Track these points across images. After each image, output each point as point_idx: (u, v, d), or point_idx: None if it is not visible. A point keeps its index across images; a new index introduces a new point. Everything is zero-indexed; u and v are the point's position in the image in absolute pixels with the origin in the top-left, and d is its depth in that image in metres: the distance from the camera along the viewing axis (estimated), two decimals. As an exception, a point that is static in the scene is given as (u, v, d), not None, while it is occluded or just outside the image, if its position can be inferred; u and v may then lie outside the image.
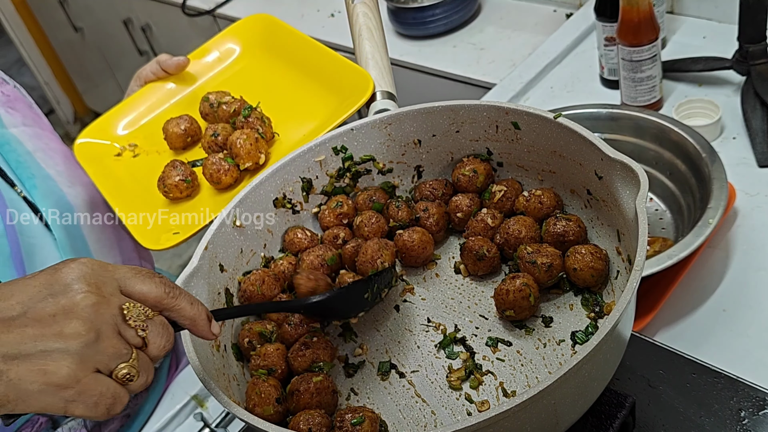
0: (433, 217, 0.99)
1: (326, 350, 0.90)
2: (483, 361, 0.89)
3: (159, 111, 1.22)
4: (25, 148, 1.08)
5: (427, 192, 1.03)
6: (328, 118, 1.06)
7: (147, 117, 1.23)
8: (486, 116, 0.98)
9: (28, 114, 1.15)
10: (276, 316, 0.93)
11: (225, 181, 1.06)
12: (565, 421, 0.76)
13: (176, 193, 1.08)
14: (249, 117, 1.11)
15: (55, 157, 1.12)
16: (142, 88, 1.24)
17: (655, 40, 1.35)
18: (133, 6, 3.06)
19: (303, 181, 1.03)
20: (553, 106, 1.39)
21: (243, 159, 1.06)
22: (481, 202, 1.01)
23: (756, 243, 1.17)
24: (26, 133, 1.11)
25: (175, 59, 1.20)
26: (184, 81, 1.25)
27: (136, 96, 1.23)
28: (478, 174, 1.00)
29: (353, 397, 0.90)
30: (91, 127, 1.21)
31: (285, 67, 1.22)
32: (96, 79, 3.92)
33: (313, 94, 1.15)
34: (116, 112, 1.23)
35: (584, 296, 0.90)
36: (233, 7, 2.49)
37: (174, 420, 1.16)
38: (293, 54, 1.22)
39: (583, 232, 0.93)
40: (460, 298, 0.96)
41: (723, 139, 1.37)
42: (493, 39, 1.98)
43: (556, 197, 0.96)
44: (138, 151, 1.18)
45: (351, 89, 1.07)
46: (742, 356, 1.03)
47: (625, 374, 0.95)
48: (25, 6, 3.91)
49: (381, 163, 1.05)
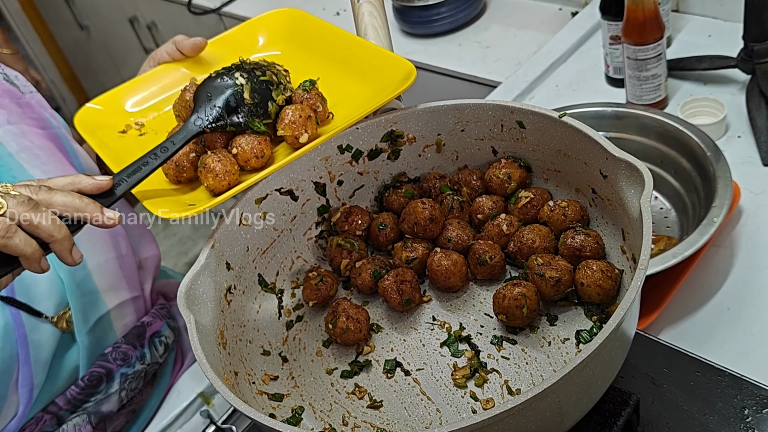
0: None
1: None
2: (488, 359, 0.89)
3: (170, 93, 1.13)
4: (7, 150, 1.06)
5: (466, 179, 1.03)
6: (367, 102, 0.97)
7: (157, 98, 1.14)
8: (491, 115, 0.99)
9: (14, 110, 1.12)
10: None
11: (252, 164, 0.95)
12: (570, 419, 0.76)
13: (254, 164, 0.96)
14: (309, 91, 0.99)
15: (42, 156, 1.10)
16: (154, 68, 1.16)
17: (660, 39, 1.35)
18: (139, 4, 3.07)
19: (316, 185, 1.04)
20: (558, 105, 1.39)
21: (285, 128, 0.93)
22: (506, 206, 1.00)
23: (760, 241, 1.18)
24: (10, 132, 1.08)
25: (191, 39, 1.14)
26: (200, 65, 1.16)
27: (147, 75, 1.15)
28: (511, 180, 0.99)
29: (359, 395, 0.90)
30: (98, 98, 1.13)
31: (315, 58, 1.12)
32: (102, 77, 3.92)
33: (347, 83, 1.05)
34: (126, 88, 1.15)
35: (587, 307, 0.90)
36: (239, 6, 2.49)
37: (180, 417, 1.16)
38: (324, 45, 1.12)
39: (600, 249, 0.91)
40: (465, 296, 0.97)
41: (728, 138, 1.37)
42: (498, 37, 1.98)
43: (582, 211, 0.95)
44: (145, 131, 1.10)
45: (390, 77, 0.99)
46: (746, 354, 1.03)
47: (630, 372, 0.96)
48: (31, 4, 3.92)
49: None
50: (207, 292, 0.88)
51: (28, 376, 1.01)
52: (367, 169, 1.06)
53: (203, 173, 0.90)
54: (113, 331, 1.13)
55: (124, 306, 1.14)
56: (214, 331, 0.87)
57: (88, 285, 1.07)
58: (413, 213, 0.97)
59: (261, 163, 0.92)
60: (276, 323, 1.00)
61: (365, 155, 1.04)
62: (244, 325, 0.95)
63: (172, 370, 1.25)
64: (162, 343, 1.18)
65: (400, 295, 0.94)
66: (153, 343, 1.17)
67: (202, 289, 0.87)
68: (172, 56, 1.14)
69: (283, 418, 0.89)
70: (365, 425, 0.87)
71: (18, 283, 1.01)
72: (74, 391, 1.07)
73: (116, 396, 1.10)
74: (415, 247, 0.98)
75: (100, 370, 1.09)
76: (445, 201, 1.01)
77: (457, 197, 1.01)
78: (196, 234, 3.36)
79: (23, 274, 0.85)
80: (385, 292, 0.95)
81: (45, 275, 1.03)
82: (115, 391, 1.10)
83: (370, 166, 1.06)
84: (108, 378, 1.10)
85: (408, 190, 1.04)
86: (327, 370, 0.95)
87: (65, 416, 1.06)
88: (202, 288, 0.87)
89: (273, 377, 0.94)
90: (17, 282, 1.01)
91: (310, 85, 0.98)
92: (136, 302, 1.17)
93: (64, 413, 1.06)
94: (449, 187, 1.03)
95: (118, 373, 1.11)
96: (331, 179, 1.05)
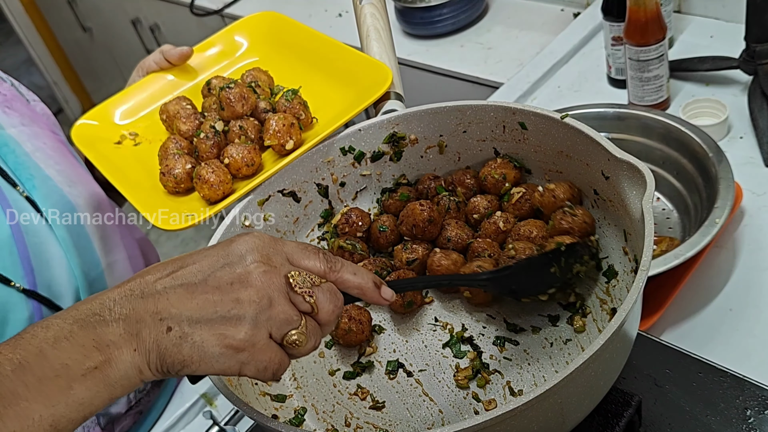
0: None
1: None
2: (490, 360, 0.89)
3: (160, 103, 1.15)
4: (23, 149, 1.08)
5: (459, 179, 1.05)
6: (347, 109, 1.02)
7: (148, 108, 1.18)
8: (493, 116, 0.99)
9: (25, 113, 1.14)
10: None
11: (244, 172, 1.00)
12: (572, 420, 0.76)
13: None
14: (291, 101, 1.04)
15: (55, 156, 1.11)
16: (143, 78, 1.19)
17: (662, 40, 1.36)
18: (141, 6, 3.08)
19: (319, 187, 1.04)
20: (560, 106, 1.39)
21: (271, 138, 0.99)
22: (500, 204, 1.01)
23: (762, 243, 1.18)
24: (25, 133, 1.10)
25: (178, 49, 1.17)
26: (186, 73, 1.21)
27: (136, 86, 1.18)
28: (506, 180, 1.00)
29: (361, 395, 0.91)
30: (90, 113, 1.16)
31: (296, 62, 1.18)
32: (104, 78, 3.93)
33: (327, 88, 1.11)
34: (116, 101, 1.18)
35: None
36: (241, 7, 2.50)
37: (183, 418, 1.16)
38: (304, 49, 1.18)
39: (589, 227, 0.92)
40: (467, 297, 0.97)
41: (730, 139, 1.37)
42: (500, 38, 1.99)
43: (571, 189, 0.95)
44: (139, 140, 1.14)
45: (368, 81, 1.04)
46: (749, 355, 1.03)
47: (632, 373, 0.96)
48: (33, 6, 3.93)
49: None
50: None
51: None
52: (369, 170, 1.06)
53: (198, 184, 0.96)
54: None
55: None
56: (217, 333, 0.87)
57: (101, 284, 1.08)
58: (411, 215, 0.98)
59: (251, 171, 0.99)
60: (278, 324, 1.00)
61: (368, 157, 1.05)
62: (246, 326, 0.95)
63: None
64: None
65: (401, 297, 0.94)
66: None
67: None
68: (159, 65, 1.18)
69: (285, 419, 0.89)
70: (367, 426, 0.87)
71: (39, 277, 1.01)
72: None
73: (124, 397, 1.11)
74: (414, 248, 0.98)
75: None
76: (441, 202, 1.02)
77: (453, 198, 1.02)
78: (198, 235, 3.36)
79: (42, 267, 0.85)
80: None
81: (63, 272, 1.04)
82: None
83: (373, 168, 1.06)
84: None
85: (404, 192, 1.04)
86: (329, 371, 0.95)
87: None
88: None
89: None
90: (39, 276, 1.01)
91: (292, 95, 1.05)
92: None
93: None
94: (444, 188, 1.04)
95: None
96: (334, 181, 1.05)
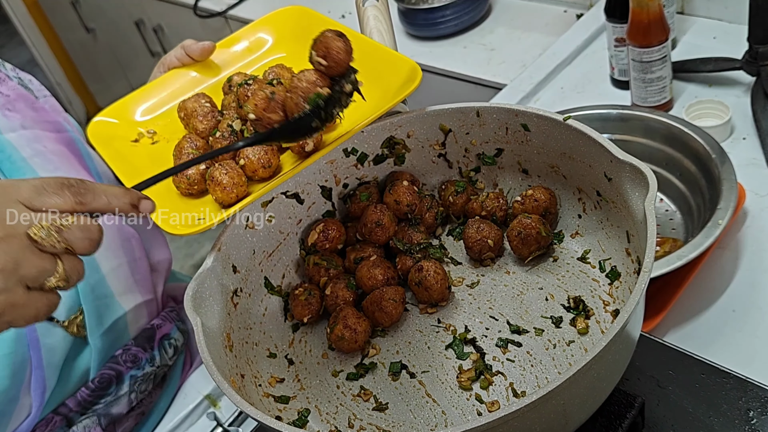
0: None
1: None
2: (493, 361, 0.89)
3: (180, 99, 1.10)
4: (21, 155, 1.06)
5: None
6: (372, 108, 0.96)
7: (167, 105, 1.13)
8: (496, 118, 0.99)
9: (28, 114, 1.12)
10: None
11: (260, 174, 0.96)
12: (575, 421, 0.76)
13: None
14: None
15: (54, 160, 1.09)
16: (164, 74, 1.15)
17: (665, 41, 1.36)
18: (144, 7, 3.08)
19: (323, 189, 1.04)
20: (563, 107, 1.39)
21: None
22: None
23: (766, 244, 1.18)
24: (24, 136, 1.08)
25: (200, 44, 1.13)
26: (209, 70, 1.16)
27: (157, 82, 1.15)
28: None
29: (364, 397, 0.91)
30: (107, 109, 1.14)
31: None
32: (108, 80, 3.94)
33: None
34: (135, 97, 1.14)
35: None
36: (245, 9, 2.50)
37: (187, 419, 1.17)
38: None
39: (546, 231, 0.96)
40: (470, 299, 0.97)
41: (733, 140, 1.37)
42: (503, 40, 1.99)
43: (548, 191, 0.99)
44: (157, 138, 1.10)
45: (396, 79, 0.98)
46: (751, 357, 1.03)
47: (635, 374, 0.96)
48: (37, 7, 3.93)
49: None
50: (214, 295, 0.88)
51: (40, 379, 1.01)
52: (371, 172, 1.06)
53: (211, 186, 0.90)
54: (128, 334, 1.13)
55: (138, 309, 1.14)
56: (221, 334, 0.87)
57: (102, 289, 1.08)
58: (368, 217, 1.01)
59: (269, 173, 0.92)
60: (282, 326, 1.00)
61: (370, 159, 1.05)
62: (250, 327, 0.96)
63: (181, 372, 1.25)
64: (171, 346, 1.19)
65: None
66: (163, 346, 1.17)
67: (209, 292, 0.87)
68: (181, 61, 1.14)
69: (289, 420, 0.89)
70: (371, 427, 0.88)
71: None
72: (84, 393, 1.07)
73: (126, 398, 1.11)
74: (364, 248, 1.02)
75: (110, 373, 1.09)
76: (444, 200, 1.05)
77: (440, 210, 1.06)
78: (202, 236, 3.36)
79: None
80: (379, 311, 0.96)
81: None
82: (124, 393, 1.11)
83: (375, 170, 1.06)
84: (118, 380, 1.10)
85: (363, 193, 1.04)
86: (333, 372, 0.95)
87: (75, 418, 1.07)
88: (208, 291, 0.87)
89: (279, 379, 0.94)
90: None
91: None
92: (149, 305, 1.17)
93: (74, 415, 1.07)
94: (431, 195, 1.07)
95: (127, 376, 1.11)
96: (337, 182, 1.05)
